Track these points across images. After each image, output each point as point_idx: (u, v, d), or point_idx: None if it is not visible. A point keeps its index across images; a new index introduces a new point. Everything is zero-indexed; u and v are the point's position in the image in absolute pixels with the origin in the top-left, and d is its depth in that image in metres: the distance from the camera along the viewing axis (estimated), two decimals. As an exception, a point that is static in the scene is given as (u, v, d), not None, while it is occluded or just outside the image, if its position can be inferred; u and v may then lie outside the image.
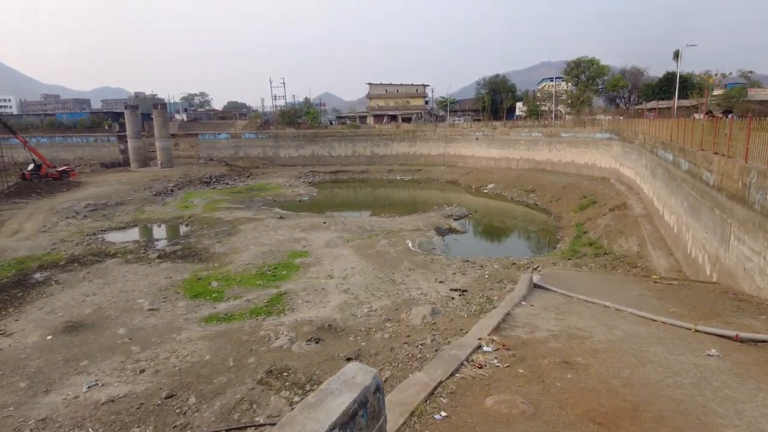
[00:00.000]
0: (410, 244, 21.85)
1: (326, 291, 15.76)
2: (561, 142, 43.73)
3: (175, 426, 8.58)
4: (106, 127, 66.85)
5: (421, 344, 10.54)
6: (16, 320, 13.99)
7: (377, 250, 20.80)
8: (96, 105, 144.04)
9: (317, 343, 11.63)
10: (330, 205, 36.91)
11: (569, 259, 20.03)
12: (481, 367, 5.44)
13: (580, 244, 22.48)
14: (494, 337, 6.25)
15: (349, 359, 10.45)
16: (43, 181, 41.34)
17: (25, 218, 28.56)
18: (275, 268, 18.54)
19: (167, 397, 9.41)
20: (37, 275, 18.29)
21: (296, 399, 9.12)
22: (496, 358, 5.74)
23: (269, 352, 11.20)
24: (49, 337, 12.53)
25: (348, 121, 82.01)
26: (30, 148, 44.15)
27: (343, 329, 12.48)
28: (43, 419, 8.88)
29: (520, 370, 5.54)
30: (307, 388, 9.43)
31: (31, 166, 42.64)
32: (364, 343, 11.37)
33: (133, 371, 10.58)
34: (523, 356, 5.93)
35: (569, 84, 64.04)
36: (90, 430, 8.57)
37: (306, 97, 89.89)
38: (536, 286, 9.08)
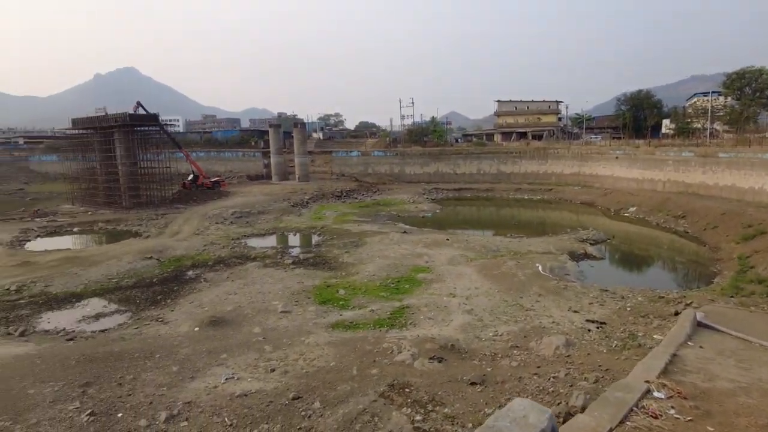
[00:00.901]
0: (540, 268, 20.56)
1: (448, 309, 15.36)
2: (718, 163, 38.47)
3: (299, 428, 8.78)
4: (253, 143, 74.11)
5: (553, 377, 9.66)
6: (172, 311, 15.73)
7: (503, 272, 19.90)
8: (245, 124, 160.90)
9: (440, 362, 11.26)
10: (453, 222, 36.54)
11: (731, 296, 17.24)
12: (656, 417, 4.65)
13: (744, 280, 19.32)
14: (665, 382, 5.37)
15: (473, 383, 9.93)
16: (199, 190, 46.81)
17: (183, 222, 32.43)
18: (398, 281, 18.61)
19: (294, 399, 9.71)
20: (190, 272, 20.51)
21: (417, 417, 8.85)
22: (672, 407, 4.89)
23: (392, 366, 11.09)
24: (196, 329, 13.82)
25: (474, 139, 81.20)
26: (191, 161, 50.38)
27: (467, 351, 11.96)
28: (188, 402, 9.68)
29: (711, 429, 4.62)
30: (429, 408, 9.11)
31: (190, 177, 48.60)
32: (489, 369, 10.75)
33: (264, 369, 11.14)
34: (709, 410, 4.98)
35: (728, 98, 56.44)
36: (226, 419, 9.12)
37: (432, 116, 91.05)
38: (701, 324, 7.78)
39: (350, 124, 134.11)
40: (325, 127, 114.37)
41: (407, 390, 9.88)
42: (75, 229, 33.33)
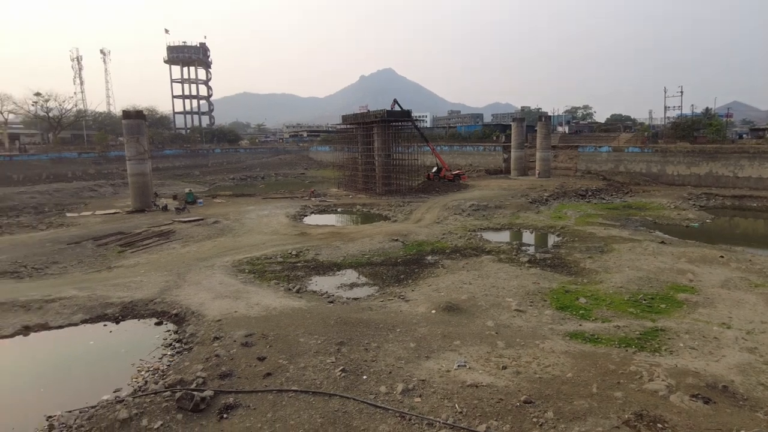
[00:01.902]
0: None
1: (719, 342, 12.64)
2: None
3: (530, 434, 8.40)
4: (494, 137, 74.49)
5: None
6: (412, 290, 16.93)
7: (805, 306, 15.43)
8: (487, 119, 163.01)
9: (706, 403, 9.34)
10: (729, 237, 30.07)
11: None
12: None
13: None
14: None
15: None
16: (441, 181, 49.31)
17: (425, 210, 34.64)
18: (652, 298, 16.19)
19: (525, 402, 9.33)
20: (429, 257, 21.75)
21: (672, 461, 7.50)
22: None
23: (640, 393, 9.69)
24: (433, 312, 14.53)
25: (766, 134, 65.23)
26: (436, 154, 53.43)
27: (745, 398, 9.64)
28: (423, 380, 10.23)
29: None
30: (689, 454, 7.62)
31: (434, 169, 51.56)
32: (780, 427, 8.44)
33: (496, 365, 11.01)
34: None
35: None
36: (456, 405, 9.32)
37: (707, 107, 76.48)
38: None
39: (600, 117, 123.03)
40: (571, 120, 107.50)
41: (659, 425, 8.49)
42: (339, 209, 38.92)
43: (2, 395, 11.82)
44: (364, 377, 10.49)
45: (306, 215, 35.54)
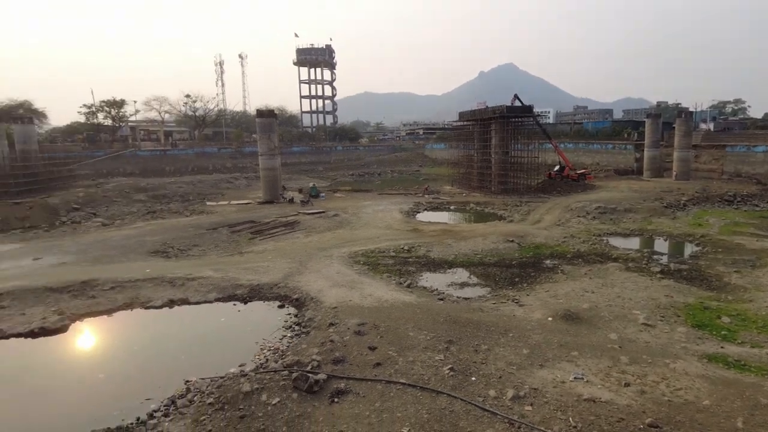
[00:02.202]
0: None
1: None
2: None
3: (656, 462, 7.59)
4: (625, 135, 68.47)
5: None
6: (527, 295, 16.24)
7: None
8: (617, 115, 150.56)
9: None
10: None
11: None
12: None
13: None
14: None
15: None
16: (564, 181, 46.61)
17: (545, 211, 33.01)
18: (819, 324, 13.75)
19: (651, 426, 8.45)
20: (548, 261, 20.69)
21: None
22: None
23: (799, 434, 8.27)
24: (549, 319, 13.80)
25: None
26: (559, 152, 50.61)
27: None
28: (535, 389, 9.75)
29: None
30: None
31: (556, 168, 48.90)
32: None
33: (617, 381, 10.13)
34: None
35: None
36: (570, 419, 8.74)
37: None
38: None
39: (757, 112, 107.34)
40: (718, 116, 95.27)
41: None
42: (452, 207, 38.66)
43: (151, 358, 13.58)
44: (473, 378, 10.29)
45: (419, 212, 35.83)
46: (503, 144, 44.66)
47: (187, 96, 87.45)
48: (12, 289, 16.86)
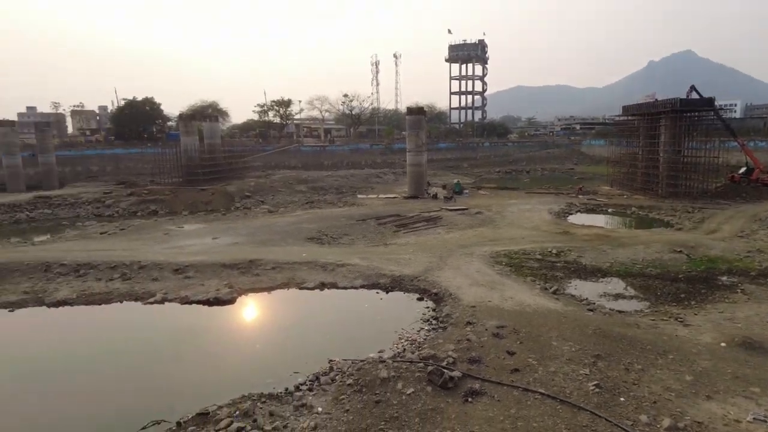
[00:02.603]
0: None
1: None
2: None
3: None
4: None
5: None
6: (695, 314, 14.21)
7: None
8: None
9: None
10: None
11: None
12: None
13: None
14: None
15: None
16: (751, 185, 39.74)
17: (723, 219, 28.55)
18: None
19: None
20: (724, 278, 17.87)
21: None
22: None
23: None
24: (722, 344, 11.92)
25: None
26: (746, 151, 43.21)
27: None
28: (699, 422, 8.52)
29: None
30: None
31: (742, 170, 41.86)
32: None
33: (814, 430, 8.37)
34: None
35: None
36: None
37: None
38: None
39: None
40: None
41: None
42: (609, 210, 35.47)
43: (300, 334, 14.87)
44: (621, 399, 9.37)
45: (571, 213, 33.56)
46: (675, 141, 39.55)
47: (345, 96, 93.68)
48: (196, 263, 19.80)
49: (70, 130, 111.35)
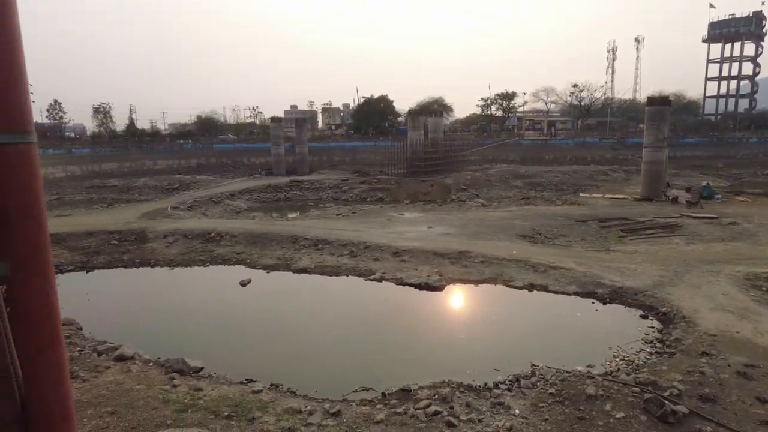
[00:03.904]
0: None
1: None
2: None
3: None
4: None
5: None
6: None
7: None
8: None
9: None
10: None
11: None
12: None
13: None
14: None
15: None
16: None
17: None
18: None
19: None
20: None
21: None
22: None
23: None
24: None
25: None
26: None
27: None
28: None
29: None
30: None
31: None
32: None
33: None
34: None
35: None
36: None
37: None
38: None
39: None
40: None
41: None
42: None
43: (504, 332, 14.68)
44: None
45: None
46: None
47: (575, 86, 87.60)
48: (412, 249, 21.21)
49: (320, 125, 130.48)
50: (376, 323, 15.65)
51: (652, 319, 14.46)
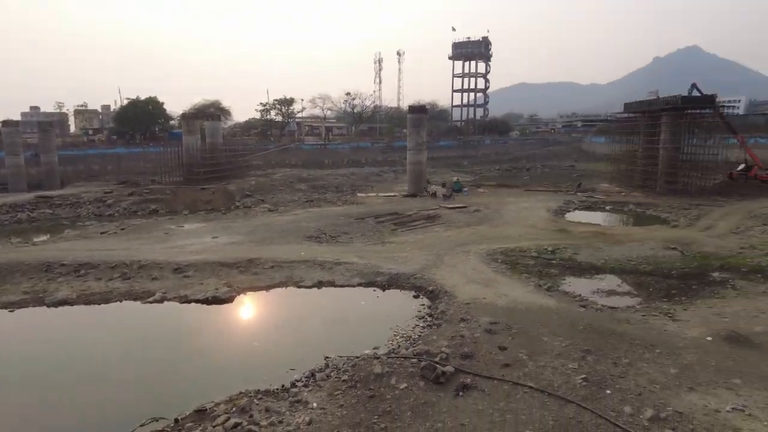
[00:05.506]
0: None
1: None
2: None
3: None
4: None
5: None
6: (684, 309, 14.47)
7: None
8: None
9: None
10: None
11: None
12: None
13: None
14: None
15: None
16: (748, 182, 39.91)
17: (719, 216, 28.78)
18: None
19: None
20: (716, 274, 18.10)
21: None
22: None
23: None
24: (708, 338, 12.19)
25: None
26: (746, 148, 43.32)
27: None
28: (680, 413, 8.79)
29: None
30: None
31: (741, 167, 42.03)
32: None
33: (793, 421, 8.63)
34: None
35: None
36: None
37: None
38: None
39: None
40: None
41: None
42: (607, 207, 35.72)
43: (297, 332, 15.17)
44: (608, 392, 9.65)
45: (569, 211, 33.79)
46: (675, 139, 39.73)
47: (347, 94, 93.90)
48: (195, 262, 20.10)
49: (72, 129, 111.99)
50: (161, 348, 14.37)
51: (422, 298, 16.74)
